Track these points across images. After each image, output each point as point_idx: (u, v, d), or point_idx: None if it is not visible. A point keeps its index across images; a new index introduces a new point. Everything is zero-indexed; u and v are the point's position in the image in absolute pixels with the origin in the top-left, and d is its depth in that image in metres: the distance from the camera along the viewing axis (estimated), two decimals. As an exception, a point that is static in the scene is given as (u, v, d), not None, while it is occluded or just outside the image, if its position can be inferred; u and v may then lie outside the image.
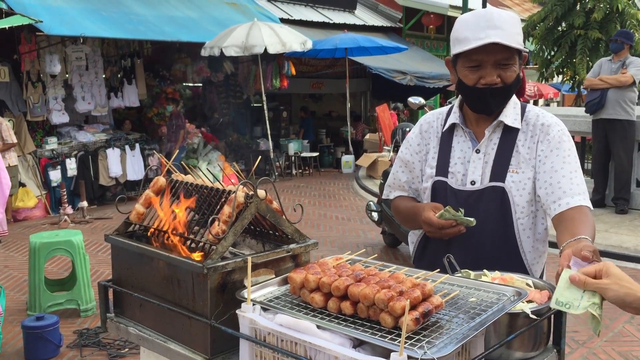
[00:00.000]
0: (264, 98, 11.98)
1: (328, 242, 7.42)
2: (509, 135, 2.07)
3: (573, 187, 1.96)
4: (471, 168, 2.08)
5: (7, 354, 4.37)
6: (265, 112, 12.06)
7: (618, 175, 7.94)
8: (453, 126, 2.15)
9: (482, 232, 2.03)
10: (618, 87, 7.65)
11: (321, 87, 16.00)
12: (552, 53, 14.14)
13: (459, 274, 1.86)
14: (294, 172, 13.34)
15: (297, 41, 11.19)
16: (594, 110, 7.88)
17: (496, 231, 2.05)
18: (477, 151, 2.09)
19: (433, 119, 2.24)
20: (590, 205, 1.95)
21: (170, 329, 1.85)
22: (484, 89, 1.98)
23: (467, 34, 1.95)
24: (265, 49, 10.65)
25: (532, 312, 1.62)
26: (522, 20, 18.55)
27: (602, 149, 8.02)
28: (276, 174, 12.43)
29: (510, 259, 2.07)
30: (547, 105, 22.40)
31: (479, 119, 2.11)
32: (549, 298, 1.73)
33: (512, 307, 1.56)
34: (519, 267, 2.07)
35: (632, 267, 6.28)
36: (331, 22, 15.30)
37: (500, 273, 1.89)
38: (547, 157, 2.02)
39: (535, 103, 20.89)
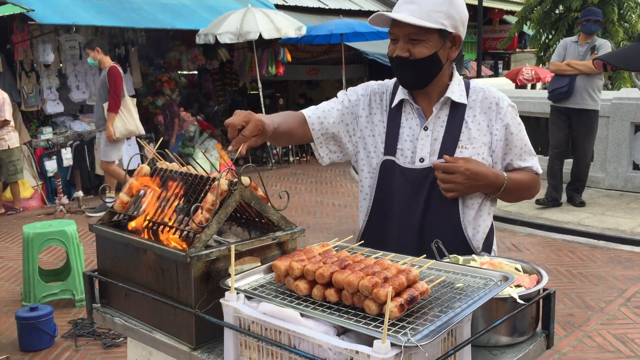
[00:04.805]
0: (260, 85, 11.91)
1: (325, 229, 7.41)
2: (457, 111, 2.05)
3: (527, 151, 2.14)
4: (419, 145, 2.05)
5: (1, 345, 4.36)
6: (262, 99, 11.99)
7: (580, 167, 7.44)
8: (401, 102, 2.12)
9: (428, 209, 2.04)
10: (587, 74, 6.96)
11: (317, 73, 15.89)
12: (550, 36, 14.07)
13: (447, 259, 1.83)
14: (291, 159, 13.29)
15: (292, 27, 11.10)
16: (560, 99, 7.18)
17: (442, 207, 2.04)
18: (425, 128, 2.06)
19: (383, 90, 2.19)
20: (539, 171, 2.17)
21: (156, 319, 1.83)
22: (394, 59, 2.01)
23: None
24: (260, 35, 10.58)
25: (520, 297, 1.60)
26: (519, 4, 18.42)
27: (563, 140, 7.36)
28: (273, 161, 12.39)
29: (454, 234, 2.06)
30: (545, 89, 22.26)
31: (425, 95, 2.08)
32: (538, 282, 1.72)
33: (500, 292, 1.54)
34: (462, 242, 2.06)
35: (628, 249, 6.27)
36: (326, 7, 15.16)
37: (489, 257, 1.87)
38: (507, 129, 2.08)
39: (533, 87, 20.76)
